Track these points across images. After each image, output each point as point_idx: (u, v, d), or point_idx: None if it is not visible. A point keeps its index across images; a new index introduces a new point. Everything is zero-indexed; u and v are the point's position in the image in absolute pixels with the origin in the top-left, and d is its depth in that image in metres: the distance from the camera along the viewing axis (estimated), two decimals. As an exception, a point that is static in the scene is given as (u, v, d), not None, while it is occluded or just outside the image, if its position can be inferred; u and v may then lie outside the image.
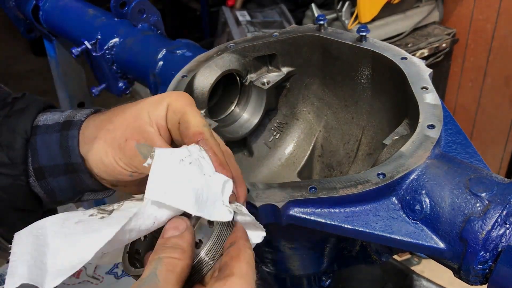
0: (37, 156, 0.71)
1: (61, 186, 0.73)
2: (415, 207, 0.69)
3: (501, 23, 2.55)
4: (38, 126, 0.73)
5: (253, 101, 1.06)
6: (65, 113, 0.74)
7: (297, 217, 0.68)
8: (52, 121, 0.73)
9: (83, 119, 0.72)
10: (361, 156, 1.03)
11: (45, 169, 0.72)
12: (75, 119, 0.72)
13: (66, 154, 0.70)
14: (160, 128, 0.66)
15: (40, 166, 0.72)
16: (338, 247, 0.92)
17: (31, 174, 0.72)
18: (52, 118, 0.74)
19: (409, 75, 0.85)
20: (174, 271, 0.54)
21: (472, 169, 0.70)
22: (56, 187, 0.73)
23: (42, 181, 0.72)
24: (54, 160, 0.71)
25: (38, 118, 0.74)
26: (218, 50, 1.00)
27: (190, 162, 0.59)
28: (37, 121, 0.73)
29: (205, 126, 0.64)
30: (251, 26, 2.62)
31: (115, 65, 1.33)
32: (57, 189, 0.73)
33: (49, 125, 0.73)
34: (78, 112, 0.74)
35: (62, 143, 0.71)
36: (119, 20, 1.35)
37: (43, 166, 0.71)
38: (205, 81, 0.95)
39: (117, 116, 0.69)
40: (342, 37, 0.97)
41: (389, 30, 2.48)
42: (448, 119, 0.81)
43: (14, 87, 3.24)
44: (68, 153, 0.70)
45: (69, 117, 0.73)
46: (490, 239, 0.63)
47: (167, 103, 0.66)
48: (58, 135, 0.71)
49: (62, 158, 0.71)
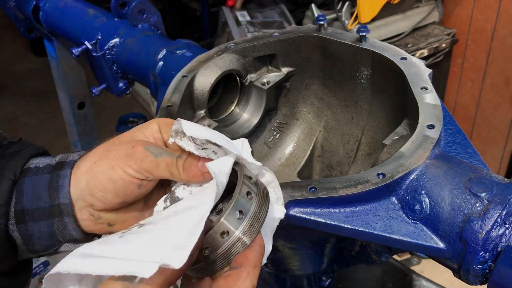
0: (21, 198, 0.69)
1: (40, 232, 0.70)
2: (415, 207, 0.69)
3: (500, 23, 2.55)
4: (29, 168, 0.71)
5: (253, 101, 1.07)
6: (58, 156, 0.73)
7: (297, 217, 0.68)
8: (43, 164, 0.72)
9: (76, 159, 0.71)
10: (361, 156, 1.03)
11: (27, 212, 0.69)
12: (68, 160, 0.71)
13: (54, 194, 0.68)
14: (157, 140, 0.68)
15: (23, 209, 0.69)
16: (338, 247, 0.92)
17: (11, 217, 0.69)
18: (44, 161, 0.72)
19: (409, 75, 0.86)
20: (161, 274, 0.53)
21: (472, 169, 0.70)
22: (35, 233, 0.70)
23: (22, 225, 0.69)
24: (38, 203, 0.69)
25: (30, 162, 0.72)
26: (218, 50, 1.00)
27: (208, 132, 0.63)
28: (29, 164, 0.72)
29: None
30: (251, 26, 2.62)
31: (115, 65, 1.33)
32: (35, 235, 0.70)
33: (40, 167, 0.71)
34: (71, 154, 0.73)
35: (52, 183, 0.69)
36: (119, 20, 1.35)
37: (26, 209, 0.69)
38: (205, 81, 0.95)
39: (109, 142, 0.69)
40: (342, 37, 0.98)
41: (389, 30, 2.48)
42: (447, 119, 0.81)
43: (14, 87, 3.22)
44: (57, 193, 0.68)
45: (61, 159, 0.72)
46: (490, 239, 0.63)
47: (156, 121, 0.70)
48: (48, 176, 0.69)
49: (48, 200, 0.69)
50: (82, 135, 1.82)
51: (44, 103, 3.91)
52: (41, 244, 0.71)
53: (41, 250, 0.72)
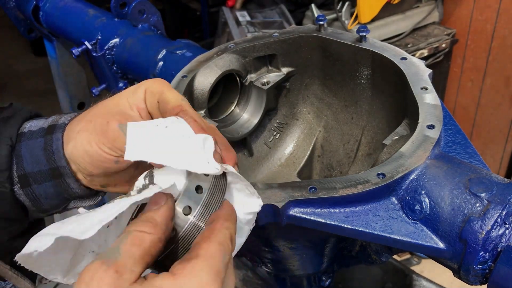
0: (21, 162, 0.70)
1: (47, 192, 0.72)
2: (415, 207, 0.69)
3: (500, 23, 2.55)
4: (23, 133, 0.72)
5: (253, 101, 1.07)
6: (50, 118, 0.74)
7: (297, 217, 0.68)
8: (36, 127, 0.72)
9: (67, 122, 0.71)
10: (361, 156, 1.03)
11: (30, 176, 0.70)
12: (59, 123, 0.72)
13: (51, 158, 0.70)
14: (141, 111, 0.68)
15: (25, 173, 0.70)
16: (338, 247, 0.92)
17: (15, 182, 0.70)
18: (37, 124, 0.73)
19: (409, 75, 0.86)
20: (140, 245, 0.52)
21: (472, 169, 0.70)
22: (42, 194, 0.72)
23: (27, 189, 0.71)
24: (38, 166, 0.70)
25: (23, 126, 0.73)
26: (218, 50, 1.00)
27: (166, 126, 0.60)
28: (22, 128, 0.73)
29: (183, 100, 0.66)
30: (251, 27, 2.62)
31: (115, 65, 1.33)
32: (42, 196, 0.72)
33: (33, 131, 0.72)
34: (63, 116, 0.73)
35: (47, 147, 0.70)
36: (119, 20, 1.35)
37: (28, 172, 0.70)
38: (205, 81, 0.95)
39: (96, 107, 0.69)
40: (342, 38, 0.98)
41: (389, 31, 2.48)
42: (447, 119, 0.81)
43: (14, 87, 3.22)
44: (53, 156, 0.69)
45: (53, 122, 0.73)
46: (490, 239, 0.63)
47: (144, 88, 0.68)
48: (42, 140, 0.70)
49: (46, 163, 0.70)
50: (82, 135, 1.81)
51: (44, 103, 3.91)
52: (50, 204, 0.73)
53: (50, 209, 0.74)
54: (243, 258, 1.37)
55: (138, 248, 0.52)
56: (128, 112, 0.67)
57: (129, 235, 0.53)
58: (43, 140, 0.70)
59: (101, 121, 0.66)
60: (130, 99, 0.68)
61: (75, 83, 1.75)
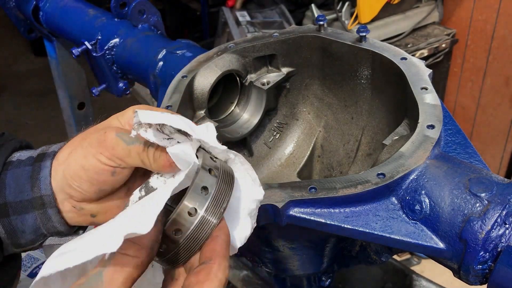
0: (4, 191, 0.69)
1: (24, 225, 0.69)
2: (415, 207, 0.69)
3: (500, 23, 2.55)
4: (11, 161, 0.71)
5: (253, 101, 1.07)
6: (39, 149, 0.73)
7: (297, 217, 0.68)
8: (25, 157, 0.71)
9: (57, 150, 0.70)
10: (361, 156, 1.03)
11: (10, 205, 0.69)
12: (49, 151, 0.71)
13: (36, 186, 0.68)
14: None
15: (6, 202, 0.69)
16: (338, 247, 0.92)
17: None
18: (26, 154, 0.72)
19: (409, 76, 0.86)
20: (122, 271, 0.52)
21: (472, 169, 0.70)
22: (19, 227, 0.70)
23: (5, 219, 0.69)
24: (21, 195, 0.69)
25: (12, 155, 0.72)
26: (218, 50, 1.00)
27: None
28: (11, 157, 0.72)
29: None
30: (251, 27, 2.62)
31: (115, 66, 1.33)
32: (19, 229, 0.70)
33: (22, 160, 0.71)
34: (53, 145, 0.72)
35: (33, 175, 0.69)
36: (119, 20, 1.35)
37: (9, 202, 0.69)
38: (205, 81, 0.95)
39: (89, 130, 0.69)
40: (342, 38, 0.98)
41: (389, 31, 2.48)
42: (447, 119, 0.81)
43: (14, 87, 3.21)
44: (39, 184, 0.68)
45: (43, 151, 0.72)
46: (490, 239, 0.63)
47: (133, 108, 0.69)
48: (30, 168, 0.69)
49: (30, 192, 0.68)
50: (82, 135, 1.81)
51: (44, 103, 3.91)
52: (26, 238, 0.71)
53: (25, 244, 0.72)
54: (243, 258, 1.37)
55: (121, 274, 0.52)
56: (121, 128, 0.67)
57: (113, 258, 0.52)
58: (31, 168, 0.69)
59: (97, 135, 0.66)
60: (121, 118, 0.69)
61: (75, 83, 1.75)
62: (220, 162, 0.63)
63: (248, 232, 0.64)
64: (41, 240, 0.72)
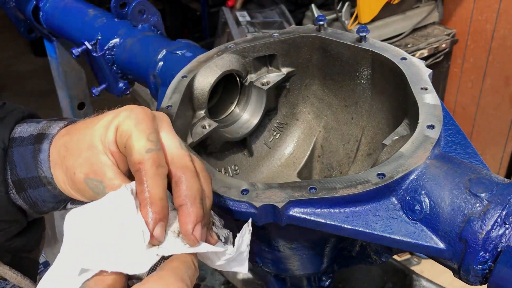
0: (15, 168, 0.70)
1: (43, 197, 0.71)
2: (415, 207, 0.69)
3: (500, 23, 2.55)
4: (14, 138, 0.72)
5: (253, 101, 1.07)
6: (40, 124, 0.73)
7: (297, 217, 0.68)
8: (27, 133, 0.72)
9: (55, 132, 0.71)
10: (361, 156, 1.03)
11: (25, 181, 0.70)
12: (47, 132, 0.71)
13: (39, 166, 0.70)
14: (114, 154, 0.63)
15: (19, 178, 0.70)
16: (338, 247, 0.92)
17: (11, 187, 0.70)
18: (27, 130, 0.73)
19: (409, 76, 0.86)
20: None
21: (472, 169, 0.70)
22: (38, 198, 0.71)
23: (23, 193, 0.71)
24: (31, 172, 0.70)
25: (15, 129, 0.73)
26: (218, 50, 1.00)
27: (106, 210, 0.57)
28: (14, 132, 0.73)
29: (149, 152, 0.59)
30: (251, 27, 2.62)
31: (115, 66, 1.33)
32: (39, 200, 0.72)
33: (24, 137, 0.72)
34: (52, 124, 0.73)
35: (35, 156, 0.70)
36: (119, 20, 1.35)
37: (22, 178, 0.70)
38: (205, 82, 0.95)
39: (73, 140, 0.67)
40: (342, 38, 0.98)
41: (389, 31, 2.48)
42: (447, 119, 0.81)
43: (14, 87, 3.21)
44: (41, 166, 0.70)
45: (42, 129, 0.72)
46: (490, 239, 0.63)
47: (116, 125, 0.63)
48: (31, 147, 0.70)
49: (36, 171, 0.70)
50: (82, 135, 1.81)
51: (44, 103, 3.91)
52: (47, 206, 0.73)
53: (48, 210, 0.74)
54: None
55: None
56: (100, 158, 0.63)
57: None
58: (32, 148, 0.70)
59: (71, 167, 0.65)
60: (103, 139, 0.63)
61: (75, 83, 1.75)
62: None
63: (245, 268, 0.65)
64: (62, 204, 0.74)
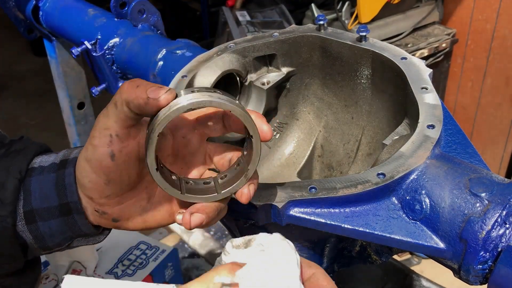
0: (29, 197, 0.69)
1: (52, 230, 0.70)
2: (415, 207, 0.69)
3: (501, 23, 2.55)
4: (34, 168, 0.71)
5: (253, 101, 1.06)
6: (61, 153, 0.73)
7: (297, 217, 0.68)
8: (48, 163, 0.72)
9: (78, 156, 0.70)
10: (361, 156, 1.03)
11: (37, 212, 0.69)
12: (71, 157, 0.71)
13: (62, 193, 0.69)
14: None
15: (32, 209, 0.69)
16: (338, 247, 0.92)
17: (20, 218, 0.69)
18: (48, 160, 0.72)
19: (409, 75, 0.85)
20: None
21: (472, 169, 0.70)
22: (47, 231, 0.70)
23: (32, 225, 0.70)
24: (47, 202, 0.69)
25: (34, 161, 0.72)
26: (218, 50, 1.00)
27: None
28: (33, 163, 0.72)
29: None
30: (251, 26, 2.62)
31: (115, 65, 1.33)
32: (47, 234, 0.71)
33: (44, 166, 0.71)
34: (73, 150, 0.73)
35: (58, 182, 0.69)
36: (119, 20, 1.35)
37: (35, 208, 0.69)
38: (205, 81, 0.95)
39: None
40: (342, 37, 0.97)
41: (389, 30, 2.48)
42: (448, 119, 0.81)
43: (14, 87, 3.22)
44: (65, 191, 0.69)
45: (65, 156, 0.72)
46: (490, 239, 0.63)
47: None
48: (54, 175, 0.70)
49: (56, 198, 0.69)
50: (82, 135, 1.82)
51: (44, 103, 3.91)
52: (53, 241, 0.72)
53: (53, 246, 0.73)
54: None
55: None
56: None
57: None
58: (55, 175, 0.70)
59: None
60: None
61: (75, 83, 1.75)
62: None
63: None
64: (68, 241, 0.73)
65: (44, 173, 0.70)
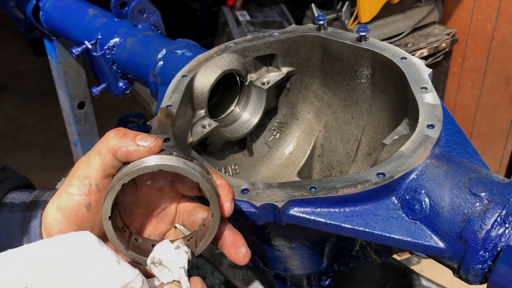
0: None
1: None
2: (415, 206, 0.69)
3: (500, 23, 2.55)
4: (5, 203, 0.71)
5: (253, 101, 1.07)
6: (33, 193, 0.72)
7: (296, 216, 0.68)
8: (18, 200, 0.71)
9: (48, 199, 0.70)
10: (361, 156, 1.03)
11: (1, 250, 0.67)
12: (41, 200, 0.70)
13: (26, 235, 0.68)
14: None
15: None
16: (338, 246, 0.92)
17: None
18: (20, 197, 0.72)
19: (409, 75, 0.86)
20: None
21: (472, 168, 0.70)
22: None
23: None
24: (12, 241, 0.68)
25: (7, 196, 0.72)
26: (218, 50, 1.00)
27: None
28: (5, 198, 0.72)
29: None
30: (251, 26, 2.62)
31: (115, 65, 1.33)
32: None
33: (14, 204, 0.71)
34: (46, 192, 0.72)
35: (24, 224, 0.68)
36: (119, 20, 1.35)
37: (1, 245, 0.69)
38: (205, 81, 0.95)
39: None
40: (342, 37, 0.98)
41: (389, 30, 2.48)
42: (447, 119, 0.81)
43: (15, 87, 3.22)
44: (29, 234, 0.68)
45: (36, 197, 0.71)
46: (490, 238, 0.63)
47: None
48: (21, 215, 0.69)
49: (20, 240, 0.68)
50: (82, 135, 1.82)
51: (44, 103, 3.91)
52: None
53: None
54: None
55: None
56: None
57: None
58: (22, 215, 0.69)
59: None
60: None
61: (75, 83, 1.75)
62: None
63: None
64: None
65: (12, 211, 0.70)
